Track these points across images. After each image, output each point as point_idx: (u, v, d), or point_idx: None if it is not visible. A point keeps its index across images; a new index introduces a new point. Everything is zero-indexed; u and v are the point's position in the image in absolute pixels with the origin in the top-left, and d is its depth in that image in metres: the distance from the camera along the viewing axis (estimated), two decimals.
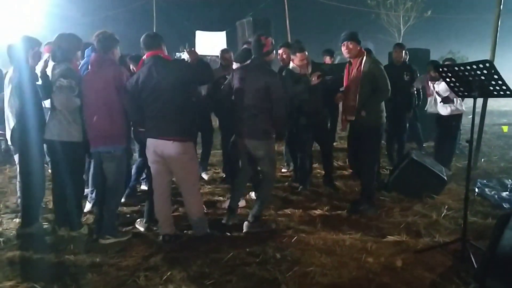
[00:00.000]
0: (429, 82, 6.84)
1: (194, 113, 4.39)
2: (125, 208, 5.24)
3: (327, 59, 8.07)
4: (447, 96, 6.51)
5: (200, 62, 4.21)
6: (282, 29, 17.61)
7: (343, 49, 4.99)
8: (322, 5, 28.19)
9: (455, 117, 6.72)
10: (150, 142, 4.15)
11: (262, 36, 4.49)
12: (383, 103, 5.04)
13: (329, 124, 6.01)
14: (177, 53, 5.23)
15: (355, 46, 4.94)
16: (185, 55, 5.06)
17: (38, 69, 4.29)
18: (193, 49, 4.38)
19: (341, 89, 5.39)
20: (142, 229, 4.62)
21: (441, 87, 6.51)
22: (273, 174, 4.78)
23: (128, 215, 5.03)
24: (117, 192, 4.42)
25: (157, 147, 4.10)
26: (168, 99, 4.00)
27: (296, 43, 6.00)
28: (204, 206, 4.72)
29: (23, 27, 16.07)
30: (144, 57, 4.15)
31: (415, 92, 7.58)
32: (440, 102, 6.66)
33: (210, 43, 16.38)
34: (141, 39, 4.14)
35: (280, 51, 5.99)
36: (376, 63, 4.92)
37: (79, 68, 4.68)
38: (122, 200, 5.07)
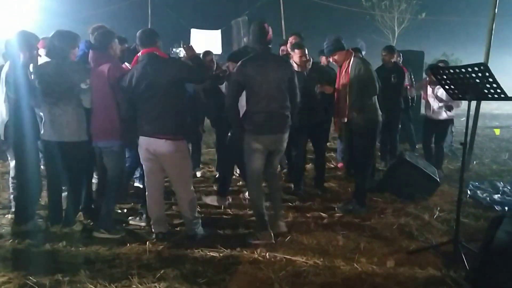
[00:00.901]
0: (428, 85, 6.83)
1: (187, 111, 4.36)
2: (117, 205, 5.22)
3: (323, 60, 8.04)
4: (450, 105, 6.53)
5: (196, 59, 4.20)
6: (278, 28, 17.62)
7: (331, 60, 5.01)
8: (317, 5, 28.19)
9: (451, 121, 6.78)
10: (143, 140, 4.12)
11: (265, 23, 4.27)
12: (376, 103, 5.03)
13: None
14: (173, 49, 5.19)
15: (340, 55, 4.93)
16: (182, 52, 5.00)
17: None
18: (190, 45, 4.35)
19: None
20: (143, 224, 4.66)
21: (441, 91, 6.53)
22: None
23: (119, 211, 5.02)
24: (115, 186, 4.43)
25: (150, 145, 4.09)
26: (162, 97, 3.99)
27: (296, 35, 5.98)
28: (197, 205, 4.71)
29: (17, 22, 15.95)
30: (139, 54, 4.13)
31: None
32: (442, 109, 6.65)
33: (205, 41, 16.33)
34: (137, 35, 4.13)
35: (282, 48, 5.98)
36: (362, 62, 4.90)
37: None
38: None
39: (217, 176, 6.53)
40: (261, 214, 4.33)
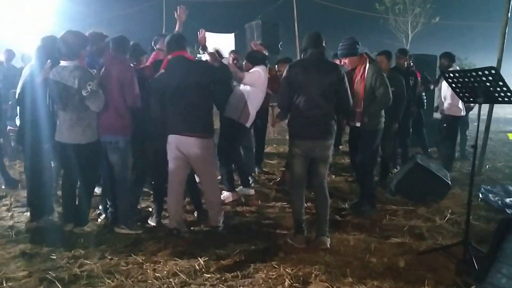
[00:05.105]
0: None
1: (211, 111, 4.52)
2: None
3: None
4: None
5: (220, 63, 4.50)
6: (291, 32, 17.70)
7: (343, 62, 5.05)
8: (330, 9, 28.30)
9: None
10: (172, 138, 4.31)
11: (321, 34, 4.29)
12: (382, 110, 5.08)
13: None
14: (198, 54, 5.47)
15: (351, 60, 4.96)
16: (205, 56, 5.21)
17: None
18: (213, 51, 4.68)
19: None
20: (153, 224, 4.79)
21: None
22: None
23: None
24: (125, 182, 4.55)
25: (180, 143, 4.28)
26: (191, 97, 4.21)
27: None
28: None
29: (33, 25, 16.24)
30: (169, 56, 4.36)
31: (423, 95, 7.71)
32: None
33: (218, 44, 16.47)
34: (166, 40, 4.38)
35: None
36: (378, 72, 4.93)
37: None
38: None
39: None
40: (298, 219, 4.32)
